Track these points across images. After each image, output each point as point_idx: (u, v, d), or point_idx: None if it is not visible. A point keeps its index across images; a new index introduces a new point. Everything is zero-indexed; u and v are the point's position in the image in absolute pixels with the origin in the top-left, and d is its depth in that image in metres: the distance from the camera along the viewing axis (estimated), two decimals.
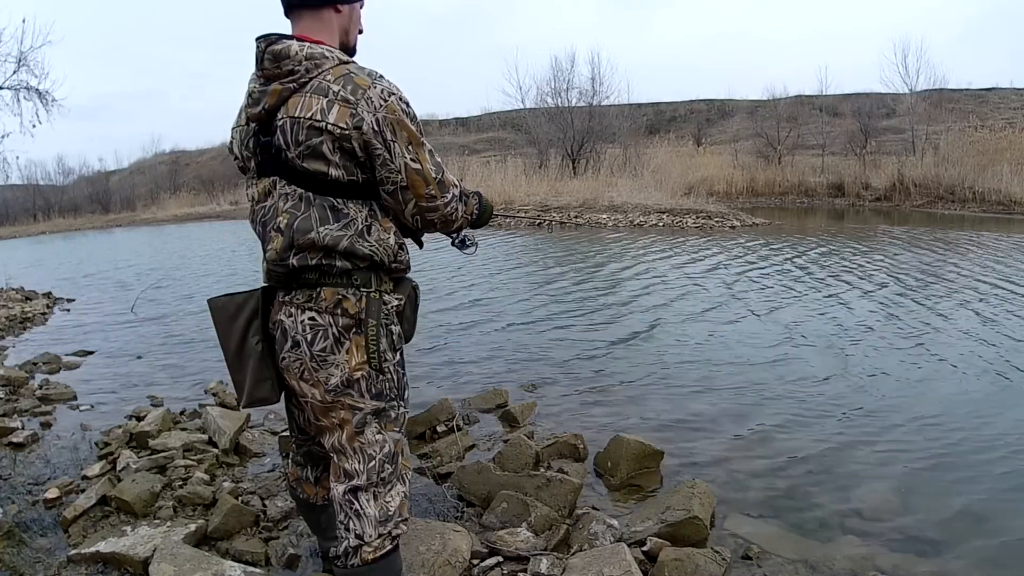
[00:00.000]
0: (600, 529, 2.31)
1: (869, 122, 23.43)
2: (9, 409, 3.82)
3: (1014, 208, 16.26)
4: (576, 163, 22.26)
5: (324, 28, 1.56)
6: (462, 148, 31.42)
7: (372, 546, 1.59)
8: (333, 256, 1.51)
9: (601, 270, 8.83)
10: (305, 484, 1.92)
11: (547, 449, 3.03)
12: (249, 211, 1.66)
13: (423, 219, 1.59)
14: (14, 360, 5.32)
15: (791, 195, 22.84)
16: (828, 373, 4.23)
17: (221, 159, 37.00)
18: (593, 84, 23.90)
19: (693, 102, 37.75)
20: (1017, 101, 27.86)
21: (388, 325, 1.58)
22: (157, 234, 21.69)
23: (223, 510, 2.40)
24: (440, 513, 2.58)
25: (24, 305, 7.97)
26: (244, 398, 1.65)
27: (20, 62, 11.49)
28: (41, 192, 38.76)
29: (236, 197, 29.82)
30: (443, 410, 3.42)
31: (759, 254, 9.83)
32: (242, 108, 1.58)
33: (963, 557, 2.25)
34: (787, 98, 28.35)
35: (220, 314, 1.64)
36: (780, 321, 5.62)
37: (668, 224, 14.77)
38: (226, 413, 3.39)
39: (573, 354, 4.85)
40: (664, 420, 3.55)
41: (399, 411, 1.66)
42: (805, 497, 2.68)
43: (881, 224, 14.43)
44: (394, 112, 1.46)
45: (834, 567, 2.18)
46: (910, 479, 2.81)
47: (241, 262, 11.49)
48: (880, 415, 3.51)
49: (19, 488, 2.81)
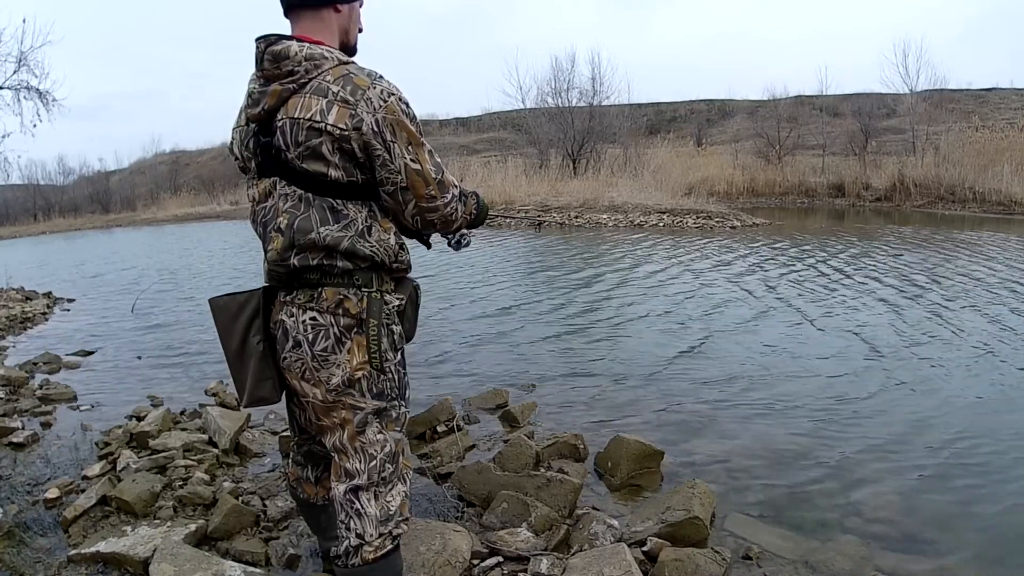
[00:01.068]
0: (600, 529, 2.32)
1: (869, 122, 23.40)
2: (9, 409, 3.82)
3: (1014, 208, 16.24)
4: (576, 163, 22.27)
5: (324, 28, 1.55)
6: (462, 148, 31.44)
7: (373, 546, 1.59)
8: (334, 256, 1.51)
9: (601, 270, 8.82)
10: (305, 484, 1.93)
11: (547, 449, 3.03)
12: (250, 211, 1.66)
13: (423, 219, 1.59)
14: (14, 360, 5.32)
15: (791, 195, 22.82)
16: (828, 373, 4.23)
17: (221, 159, 37.00)
18: (593, 84, 23.94)
19: (693, 102, 37.75)
20: (1017, 101, 27.84)
21: (389, 325, 1.58)
22: (157, 234, 21.70)
23: (223, 510, 2.40)
24: (440, 513, 2.58)
25: (24, 305, 7.97)
26: (245, 398, 1.65)
27: (20, 62, 11.51)
28: (41, 192, 38.77)
29: (236, 197, 29.83)
30: (443, 410, 3.42)
31: (760, 254, 9.84)
32: (242, 108, 1.58)
33: (963, 557, 2.25)
34: (787, 98, 28.34)
35: (221, 314, 1.64)
36: (780, 321, 5.63)
37: (668, 224, 14.78)
38: (226, 413, 3.39)
39: (573, 354, 4.85)
40: (664, 420, 3.55)
41: (400, 411, 1.66)
42: (805, 497, 2.68)
43: (882, 224, 14.42)
44: (394, 112, 1.46)
45: (834, 567, 2.18)
46: (910, 479, 2.81)
47: (242, 262, 11.49)
48: (881, 415, 3.52)
49: (19, 488, 2.81)
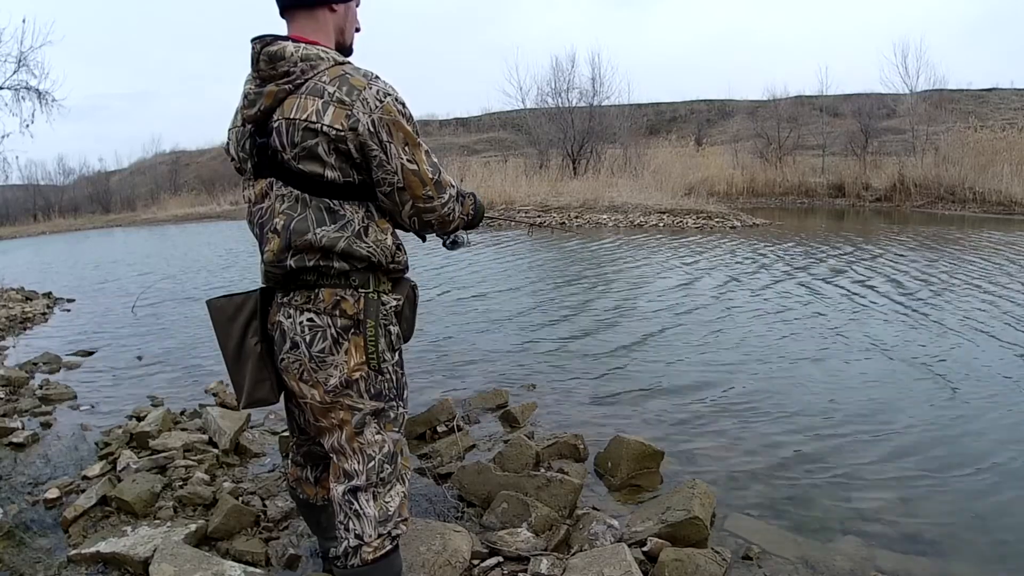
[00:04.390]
0: (600, 529, 2.31)
1: (869, 122, 23.39)
2: (9, 409, 3.82)
3: (1014, 208, 16.24)
4: (576, 163, 22.26)
5: (319, 28, 1.55)
6: (462, 148, 31.46)
7: (372, 546, 1.59)
8: (331, 257, 1.51)
9: (601, 271, 8.82)
10: (305, 484, 1.93)
11: (547, 449, 3.03)
12: (247, 212, 1.66)
13: (420, 220, 1.58)
14: (14, 360, 5.32)
15: (791, 195, 22.83)
16: (828, 373, 4.23)
17: (221, 159, 36.89)
18: (593, 84, 23.93)
19: (693, 102, 37.74)
20: (1017, 101, 27.82)
21: (387, 325, 1.58)
22: (157, 234, 21.70)
23: (223, 510, 2.40)
24: (440, 513, 2.58)
25: (24, 305, 7.97)
26: (243, 399, 1.65)
27: (20, 62, 11.47)
28: (41, 192, 38.77)
29: (236, 197, 29.80)
30: (443, 410, 3.42)
31: (760, 255, 9.83)
32: (238, 109, 1.58)
33: (963, 557, 2.25)
34: (787, 98, 28.32)
35: (219, 315, 1.64)
36: (780, 321, 5.62)
37: (668, 225, 14.78)
38: (226, 413, 3.39)
39: (573, 354, 4.85)
40: (664, 420, 3.55)
41: (398, 411, 1.66)
42: (805, 497, 2.68)
43: (882, 225, 14.42)
44: (390, 113, 1.45)
45: (834, 567, 2.18)
46: (910, 479, 2.81)
47: (242, 262, 11.49)
48: (880, 415, 3.51)
49: (19, 488, 2.81)
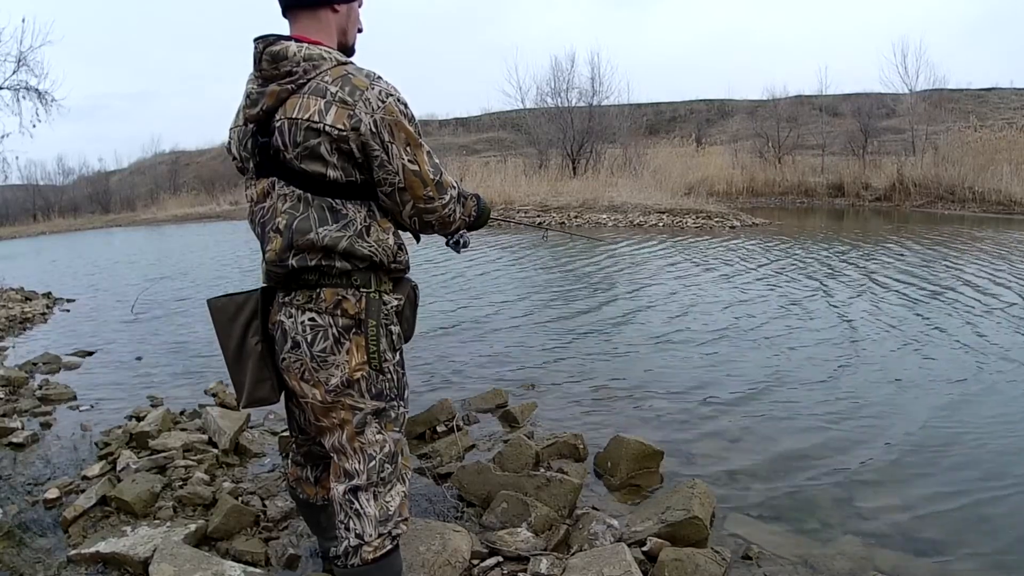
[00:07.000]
0: (600, 529, 2.31)
1: (869, 122, 23.35)
2: (9, 409, 3.82)
3: (1014, 208, 16.23)
4: (576, 163, 22.24)
5: (322, 28, 1.55)
6: (462, 148, 31.43)
7: (372, 546, 1.59)
8: (332, 257, 1.51)
9: (601, 270, 8.82)
10: (305, 484, 1.93)
11: (547, 449, 3.03)
12: (248, 212, 1.66)
13: (421, 220, 1.59)
14: (14, 360, 5.32)
15: (791, 195, 22.80)
16: (828, 374, 4.23)
17: (221, 159, 36.93)
18: (593, 84, 23.84)
19: (693, 102, 37.69)
20: (1017, 101, 27.80)
21: (388, 325, 1.58)
22: (157, 234, 21.69)
23: (223, 510, 2.40)
24: (440, 513, 2.58)
25: (24, 305, 7.97)
26: (244, 398, 1.65)
27: (20, 62, 11.46)
28: (41, 192, 38.71)
29: (236, 197, 29.79)
30: (443, 410, 3.42)
31: (760, 254, 9.83)
32: (240, 109, 1.58)
33: (963, 557, 2.25)
34: (787, 98, 28.30)
35: (220, 315, 1.64)
36: (779, 321, 5.62)
37: (668, 224, 14.77)
38: (226, 413, 3.39)
39: (573, 354, 4.85)
40: (664, 420, 3.55)
41: (399, 411, 1.66)
42: (805, 497, 2.68)
43: (882, 224, 14.42)
44: (392, 113, 1.46)
45: (834, 567, 2.18)
46: (910, 479, 2.81)
47: (241, 262, 11.49)
48: (881, 416, 3.51)
49: (19, 488, 2.81)
